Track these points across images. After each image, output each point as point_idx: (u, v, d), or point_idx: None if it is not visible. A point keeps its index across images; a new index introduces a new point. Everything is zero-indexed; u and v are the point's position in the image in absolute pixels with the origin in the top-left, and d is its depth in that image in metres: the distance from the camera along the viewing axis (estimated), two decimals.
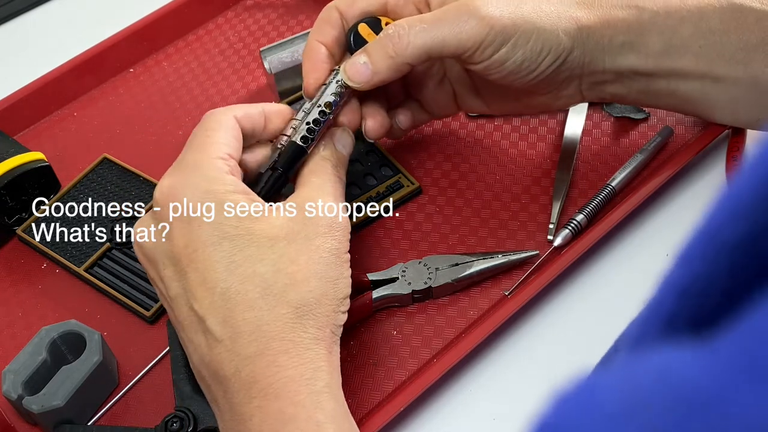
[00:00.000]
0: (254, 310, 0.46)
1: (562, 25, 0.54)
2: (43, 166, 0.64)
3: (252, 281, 0.46)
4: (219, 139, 0.50)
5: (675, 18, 0.55)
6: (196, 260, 0.47)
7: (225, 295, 0.46)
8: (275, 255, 0.47)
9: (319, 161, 0.53)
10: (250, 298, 0.46)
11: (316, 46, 0.55)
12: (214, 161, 0.49)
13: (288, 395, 0.44)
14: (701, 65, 0.55)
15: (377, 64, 0.53)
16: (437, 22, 0.52)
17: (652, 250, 0.60)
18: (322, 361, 0.46)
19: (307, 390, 0.45)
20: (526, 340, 0.57)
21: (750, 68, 0.55)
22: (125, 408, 0.56)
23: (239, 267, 0.46)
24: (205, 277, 0.46)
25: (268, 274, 0.46)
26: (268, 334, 0.45)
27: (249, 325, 0.46)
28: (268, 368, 0.45)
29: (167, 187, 0.49)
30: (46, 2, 0.84)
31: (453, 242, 0.61)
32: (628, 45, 0.55)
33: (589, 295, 0.59)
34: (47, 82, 0.71)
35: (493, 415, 0.54)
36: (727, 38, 0.55)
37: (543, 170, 0.65)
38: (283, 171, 0.53)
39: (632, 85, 0.57)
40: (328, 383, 0.46)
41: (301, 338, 0.46)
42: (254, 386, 0.45)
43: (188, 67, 0.75)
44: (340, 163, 0.54)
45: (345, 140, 0.55)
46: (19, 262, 0.63)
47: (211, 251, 0.46)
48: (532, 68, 0.54)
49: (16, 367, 0.53)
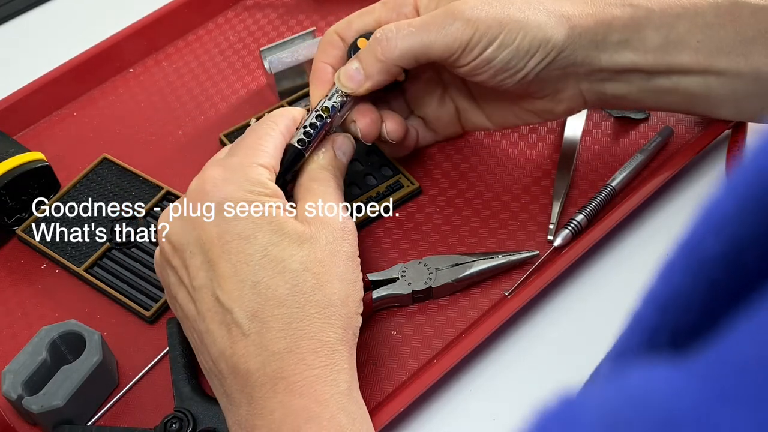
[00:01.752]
0: (284, 307, 0.47)
1: (552, 23, 0.54)
2: (43, 166, 0.64)
3: (282, 277, 0.47)
4: (265, 149, 0.52)
5: (670, 14, 0.55)
6: (229, 251, 0.47)
7: (255, 289, 0.47)
8: (304, 254, 0.48)
9: (318, 168, 0.54)
10: (280, 294, 0.47)
11: (322, 66, 0.57)
12: (257, 167, 0.50)
13: (313, 394, 0.45)
14: (701, 60, 0.56)
15: (368, 68, 0.54)
16: (424, 26, 0.53)
17: (652, 250, 0.60)
18: (345, 363, 0.47)
19: (332, 390, 0.46)
20: (526, 340, 0.57)
21: (751, 60, 0.55)
22: (125, 408, 0.56)
23: (271, 262, 0.47)
24: (236, 269, 0.47)
25: (297, 272, 0.47)
26: (298, 332, 0.46)
27: (278, 322, 0.46)
28: (296, 366, 0.46)
29: (210, 178, 0.50)
30: (46, 2, 0.84)
31: (453, 242, 0.61)
32: (624, 42, 0.55)
33: (589, 295, 0.59)
34: (47, 82, 0.71)
35: (493, 415, 0.54)
36: (724, 32, 0.55)
37: (543, 170, 0.65)
38: (281, 172, 0.53)
39: (633, 83, 0.57)
40: (350, 385, 0.47)
41: (330, 338, 0.47)
42: (280, 382, 0.45)
43: (188, 67, 0.75)
44: (339, 171, 0.55)
45: (345, 147, 0.56)
46: (19, 262, 0.63)
47: (245, 244, 0.47)
48: (521, 66, 0.54)
49: (16, 367, 0.53)
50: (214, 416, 0.52)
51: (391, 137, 0.58)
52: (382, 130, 0.58)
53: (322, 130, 0.55)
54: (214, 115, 0.71)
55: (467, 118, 0.63)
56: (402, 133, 0.59)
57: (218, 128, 0.70)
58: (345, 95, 0.55)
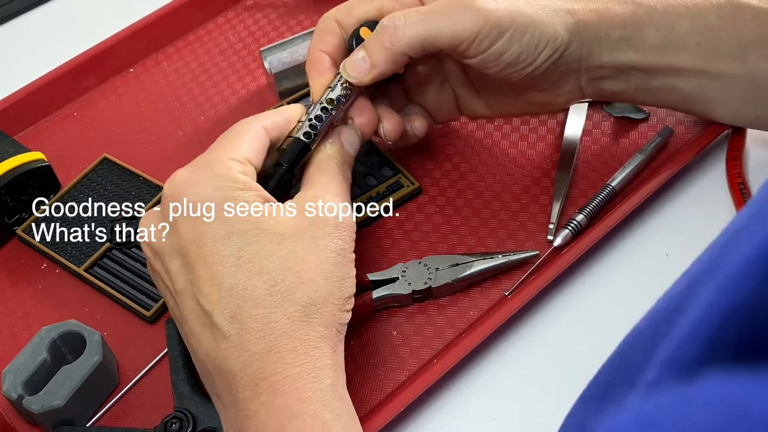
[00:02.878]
0: (262, 307, 0.46)
1: (559, 18, 0.54)
2: (43, 166, 0.64)
3: (260, 277, 0.46)
4: (240, 143, 0.50)
5: (672, 14, 0.55)
6: (203, 255, 0.47)
7: (233, 291, 0.46)
8: (283, 252, 0.47)
9: (326, 160, 0.53)
10: (257, 294, 0.46)
11: (319, 55, 0.56)
12: (228, 161, 0.49)
13: (295, 392, 0.45)
14: (698, 62, 0.56)
15: (374, 57, 0.53)
16: (433, 14, 0.53)
17: (652, 250, 0.60)
18: (328, 360, 0.47)
19: (314, 387, 0.45)
20: (526, 340, 0.57)
21: (747, 64, 0.55)
22: (125, 408, 0.56)
23: (247, 263, 0.46)
24: (212, 272, 0.46)
25: (276, 271, 0.46)
26: (276, 331, 0.46)
27: (257, 322, 0.46)
28: (276, 365, 0.45)
29: (179, 181, 0.49)
30: (46, 2, 0.84)
31: (453, 242, 0.61)
32: (625, 40, 0.55)
33: (589, 295, 0.59)
34: (47, 82, 0.71)
35: (493, 415, 0.54)
36: (725, 34, 0.55)
37: (543, 170, 0.65)
38: (288, 167, 0.52)
39: (630, 81, 0.57)
40: (334, 381, 0.46)
41: (309, 336, 0.46)
42: (262, 382, 0.45)
43: (188, 67, 0.75)
44: (346, 162, 0.54)
45: (352, 139, 0.55)
46: (19, 262, 0.63)
47: (220, 246, 0.47)
48: (530, 61, 0.54)
49: (16, 367, 0.53)
50: (214, 416, 0.52)
51: (387, 137, 0.58)
52: (379, 130, 0.57)
53: (327, 123, 0.54)
54: (214, 115, 0.71)
55: (466, 105, 0.62)
56: (398, 133, 0.58)
57: (218, 128, 0.69)
58: (349, 86, 0.55)
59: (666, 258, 0.60)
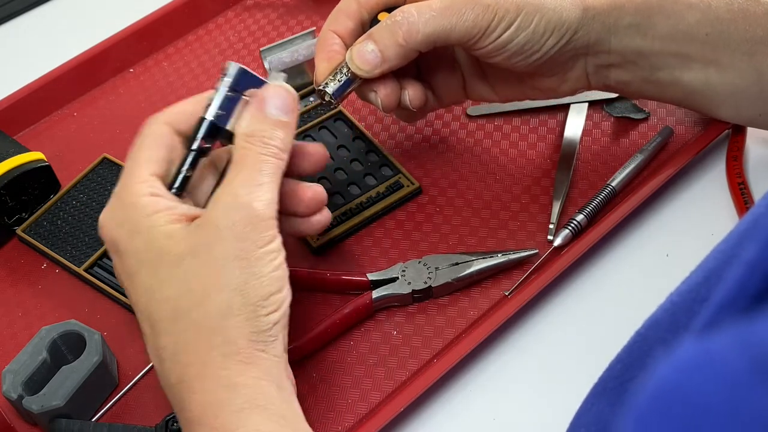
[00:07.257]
0: (171, 335, 0.45)
1: (567, 5, 0.54)
2: (43, 166, 0.64)
3: (165, 306, 0.45)
4: (141, 158, 0.48)
5: (683, 4, 0.56)
6: (128, 289, 0.48)
7: (150, 322, 0.46)
8: (182, 274, 0.45)
9: (241, 144, 0.47)
10: (165, 326, 0.45)
11: (330, 36, 0.55)
12: (134, 187, 0.47)
13: (208, 420, 0.43)
14: (707, 53, 0.56)
15: (386, 51, 0.53)
16: (445, 10, 0.53)
17: (652, 250, 0.60)
18: (239, 377, 0.44)
19: (228, 410, 0.43)
20: (526, 340, 0.57)
21: (754, 60, 0.55)
22: (125, 408, 0.56)
23: (155, 293, 0.46)
24: (137, 307, 0.47)
25: (175, 295, 0.45)
26: (183, 360, 0.45)
27: (167, 353, 0.45)
28: (188, 396, 0.44)
29: (100, 221, 0.49)
30: (46, 2, 0.84)
31: (453, 242, 0.61)
32: (635, 26, 0.56)
33: (589, 295, 0.59)
34: (47, 82, 0.71)
35: (493, 415, 0.54)
36: (734, 28, 0.55)
37: (543, 170, 0.65)
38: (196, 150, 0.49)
39: (636, 72, 0.58)
40: (251, 398, 0.43)
41: (211, 358, 0.44)
42: (182, 414, 0.45)
43: (188, 67, 0.75)
44: (273, 134, 0.47)
45: (277, 100, 0.48)
46: (19, 262, 0.63)
47: (134, 280, 0.47)
48: (536, 49, 0.55)
49: (16, 367, 0.53)
50: None
51: (413, 105, 0.57)
52: (403, 98, 0.57)
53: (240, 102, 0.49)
54: None
55: (473, 89, 0.62)
56: (423, 100, 0.57)
57: None
58: (353, 75, 0.54)
59: (666, 258, 0.60)
